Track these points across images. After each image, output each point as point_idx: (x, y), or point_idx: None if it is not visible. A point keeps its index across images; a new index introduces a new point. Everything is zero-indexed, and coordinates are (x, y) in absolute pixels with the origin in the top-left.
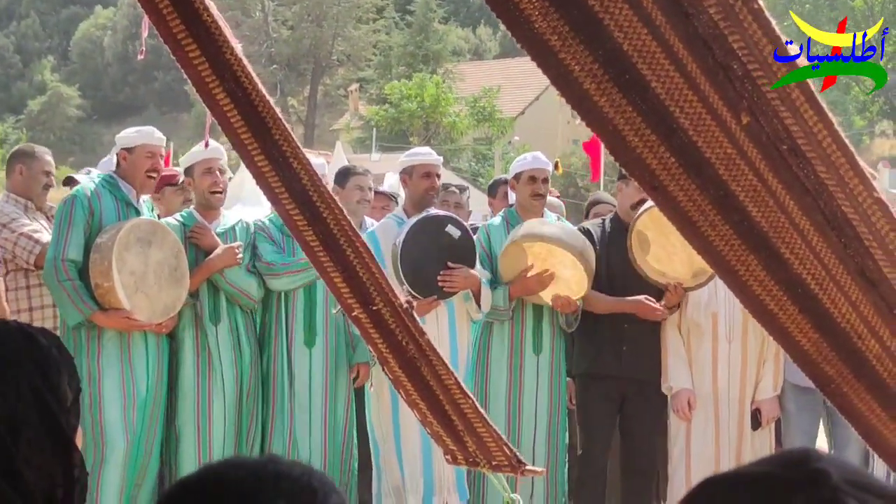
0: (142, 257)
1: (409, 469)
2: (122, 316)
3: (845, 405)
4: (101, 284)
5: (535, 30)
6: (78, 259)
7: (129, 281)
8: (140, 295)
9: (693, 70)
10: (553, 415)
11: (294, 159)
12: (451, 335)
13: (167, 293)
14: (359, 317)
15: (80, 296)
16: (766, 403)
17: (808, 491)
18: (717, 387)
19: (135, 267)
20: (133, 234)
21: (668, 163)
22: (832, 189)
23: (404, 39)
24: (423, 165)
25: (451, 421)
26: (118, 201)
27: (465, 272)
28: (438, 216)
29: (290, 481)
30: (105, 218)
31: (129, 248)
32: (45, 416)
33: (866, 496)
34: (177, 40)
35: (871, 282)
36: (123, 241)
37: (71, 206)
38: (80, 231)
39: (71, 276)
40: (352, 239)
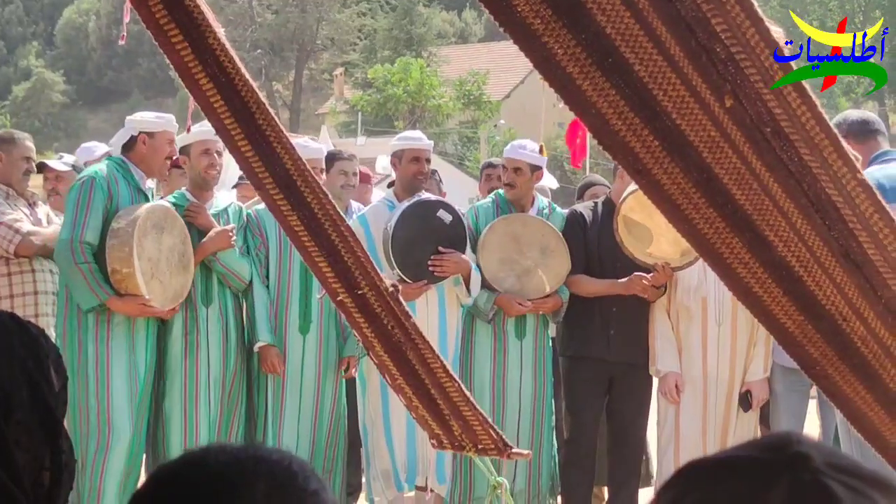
0: (156, 244)
1: (398, 453)
2: (138, 302)
3: (830, 387)
4: (120, 270)
5: (517, 13)
6: (94, 242)
7: (147, 267)
8: (155, 281)
9: (676, 53)
10: (538, 399)
11: (278, 144)
12: (440, 319)
13: (177, 279)
14: (344, 301)
15: (96, 280)
16: (757, 385)
17: (790, 474)
18: (706, 369)
19: (151, 253)
20: (149, 221)
21: (651, 146)
22: (816, 172)
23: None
24: (411, 150)
25: (437, 405)
26: (130, 186)
27: (457, 257)
28: (430, 201)
29: (269, 465)
30: (121, 202)
31: (147, 235)
32: (37, 400)
33: (847, 478)
34: (159, 25)
35: (855, 264)
36: (143, 228)
37: (90, 188)
38: (98, 214)
39: (88, 259)
40: (337, 223)
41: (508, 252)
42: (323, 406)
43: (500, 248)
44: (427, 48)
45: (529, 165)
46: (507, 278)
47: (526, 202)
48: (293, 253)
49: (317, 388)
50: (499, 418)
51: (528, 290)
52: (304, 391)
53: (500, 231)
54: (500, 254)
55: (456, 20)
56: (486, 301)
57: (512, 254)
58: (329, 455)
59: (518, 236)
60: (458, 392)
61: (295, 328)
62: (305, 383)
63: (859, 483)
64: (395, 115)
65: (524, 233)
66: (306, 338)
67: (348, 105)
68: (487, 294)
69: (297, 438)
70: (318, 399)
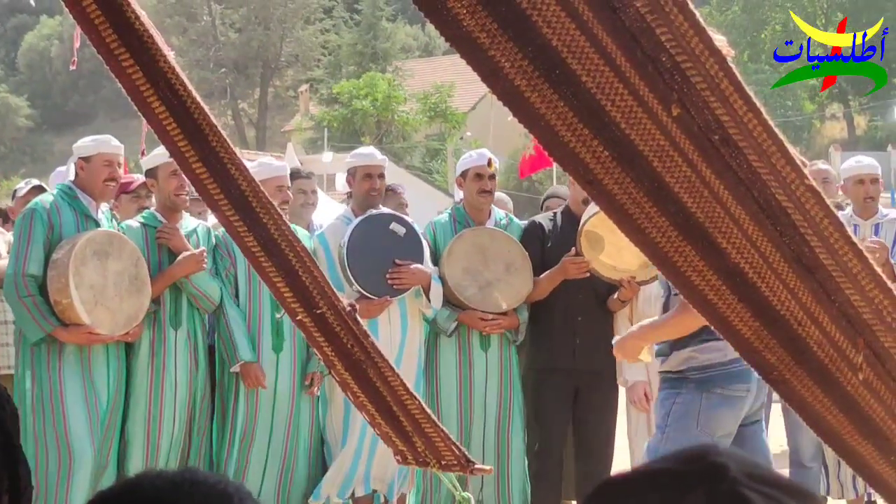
0: (100, 270)
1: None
2: (83, 331)
3: (788, 392)
4: (60, 301)
5: (463, 28)
6: (38, 274)
7: (89, 295)
8: (101, 308)
9: (622, 63)
10: (503, 411)
11: (232, 166)
12: (402, 334)
13: (129, 303)
14: (303, 321)
15: (41, 312)
16: None
17: (706, 485)
18: None
19: (94, 280)
20: (89, 248)
21: (601, 157)
22: (765, 178)
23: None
24: (363, 167)
25: (400, 422)
26: (77, 213)
27: (415, 268)
28: (381, 215)
29: (205, 487)
30: (64, 231)
31: (86, 263)
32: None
33: (764, 487)
34: (110, 50)
35: (807, 268)
36: (79, 257)
37: (30, 220)
38: (39, 246)
39: (31, 292)
40: (292, 243)
41: (473, 262)
42: (300, 424)
43: (466, 257)
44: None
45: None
46: (469, 287)
47: (485, 213)
48: None
49: (291, 406)
50: (466, 430)
51: (487, 302)
52: (276, 410)
53: (468, 240)
54: (465, 263)
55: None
56: (447, 318)
57: (477, 264)
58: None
59: (485, 248)
60: (419, 409)
61: (268, 347)
62: (279, 402)
63: (776, 492)
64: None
65: (491, 246)
66: (280, 356)
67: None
68: (449, 311)
69: (265, 459)
70: (292, 417)
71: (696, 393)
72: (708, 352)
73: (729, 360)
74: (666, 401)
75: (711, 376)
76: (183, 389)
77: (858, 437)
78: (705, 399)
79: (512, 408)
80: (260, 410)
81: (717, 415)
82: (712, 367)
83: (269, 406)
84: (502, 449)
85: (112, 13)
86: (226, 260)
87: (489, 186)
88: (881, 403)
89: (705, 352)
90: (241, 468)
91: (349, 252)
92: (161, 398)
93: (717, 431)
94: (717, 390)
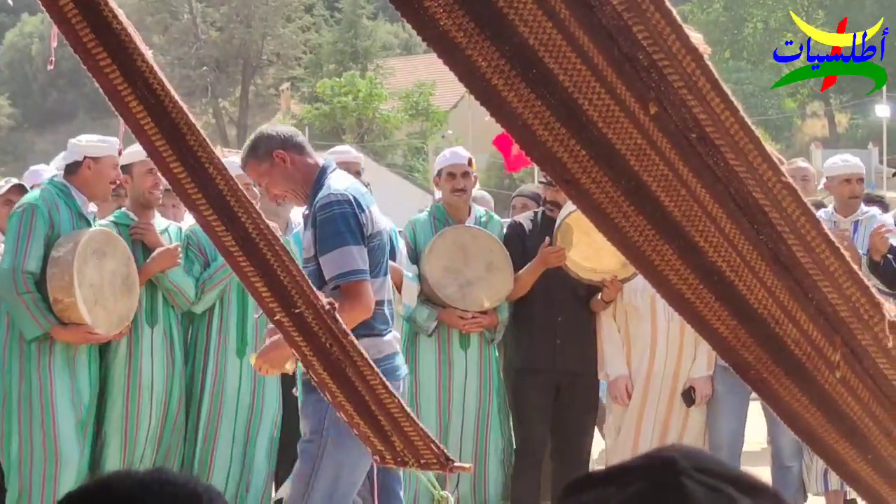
0: (98, 269)
1: None
2: (83, 331)
3: (766, 391)
4: (62, 300)
5: (440, 27)
6: (37, 271)
7: (89, 295)
8: (99, 308)
9: (599, 62)
10: (482, 409)
11: (209, 164)
12: None
13: (122, 303)
14: (281, 320)
15: (39, 309)
16: (700, 382)
17: (651, 476)
18: (653, 365)
19: (93, 280)
20: (90, 247)
21: (578, 156)
22: (742, 176)
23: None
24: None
25: (378, 421)
26: (72, 211)
27: None
28: None
29: (173, 488)
30: (62, 229)
31: (88, 262)
32: None
33: (710, 480)
34: (87, 49)
35: (785, 267)
36: (82, 255)
37: (31, 216)
38: (40, 243)
39: (30, 289)
40: (271, 242)
41: (454, 261)
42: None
43: (447, 255)
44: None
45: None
46: (450, 286)
47: (464, 211)
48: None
49: (250, 411)
50: (444, 429)
51: (468, 301)
52: (238, 414)
53: (449, 239)
54: (445, 261)
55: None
56: (427, 318)
57: (457, 263)
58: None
59: (466, 247)
60: (398, 407)
61: (233, 351)
62: (241, 407)
63: (722, 485)
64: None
65: (473, 245)
66: (243, 361)
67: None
68: (428, 311)
69: (229, 461)
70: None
71: None
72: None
73: (383, 357)
74: (318, 405)
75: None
76: (159, 387)
77: (836, 435)
78: None
79: (490, 407)
80: (223, 416)
81: None
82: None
83: (232, 411)
84: (480, 448)
85: (89, 12)
86: (199, 258)
87: (462, 185)
88: (858, 401)
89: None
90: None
91: None
92: (138, 396)
93: None
94: None
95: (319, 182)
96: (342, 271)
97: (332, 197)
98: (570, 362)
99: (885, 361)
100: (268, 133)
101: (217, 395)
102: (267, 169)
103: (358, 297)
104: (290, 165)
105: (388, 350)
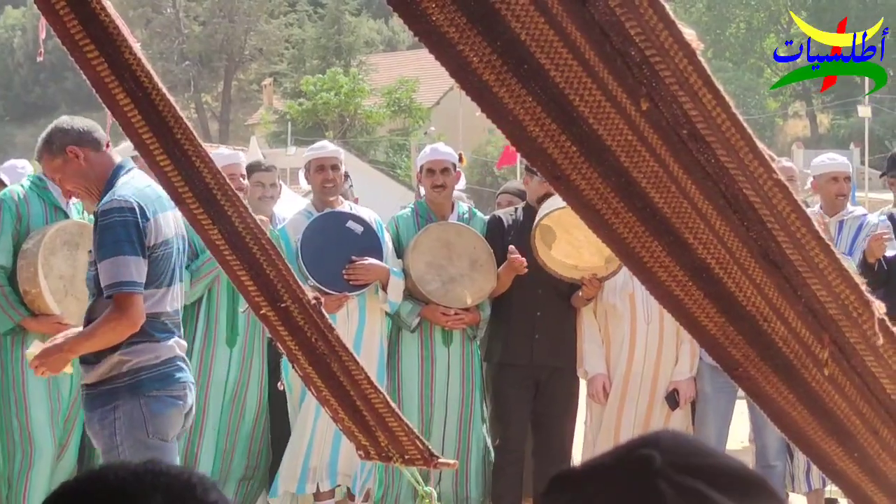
0: (70, 260)
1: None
2: (53, 321)
3: (753, 388)
4: (30, 291)
5: (432, 22)
6: (7, 265)
7: (58, 285)
8: (70, 298)
9: (591, 58)
10: (466, 406)
11: (196, 158)
12: (358, 330)
13: None
14: (267, 315)
15: (9, 302)
16: (683, 384)
17: (627, 479)
18: (631, 367)
19: (63, 271)
20: (59, 238)
21: (569, 152)
22: (733, 172)
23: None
24: (316, 160)
25: (363, 416)
26: (46, 205)
27: (370, 263)
28: (338, 212)
29: (167, 478)
30: (33, 223)
31: (56, 253)
32: None
33: (688, 480)
34: (74, 41)
35: (774, 264)
36: (49, 246)
37: None
38: (8, 237)
39: (1, 283)
40: (257, 236)
41: (438, 257)
42: (244, 419)
43: (431, 251)
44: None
45: (452, 164)
46: (433, 282)
47: (446, 208)
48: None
49: (233, 399)
50: (427, 425)
51: (450, 297)
52: (225, 402)
53: (433, 235)
54: (429, 257)
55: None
56: (410, 313)
57: (441, 259)
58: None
59: (450, 244)
60: (383, 403)
61: (223, 340)
62: (227, 395)
63: (700, 485)
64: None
65: (457, 242)
66: (233, 350)
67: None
68: (412, 306)
69: (215, 450)
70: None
71: (132, 400)
72: (138, 354)
73: (161, 362)
74: (104, 421)
75: (142, 380)
76: None
77: (822, 433)
78: (144, 404)
79: (474, 404)
80: (210, 404)
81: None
82: (144, 369)
83: (218, 399)
84: (463, 444)
85: (77, 4)
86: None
87: (441, 181)
88: (846, 399)
89: (135, 354)
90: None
91: (303, 246)
92: None
93: (171, 433)
94: (154, 392)
95: (111, 182)
96: (114, 281)
97: (115, 203)
98: (549, 357)
99: (873, 359)
100: (64, 127)
101: (203, 384)
102: (60, 164)
103: (125, 310)
104: (84, 162)
105: (167, 355)
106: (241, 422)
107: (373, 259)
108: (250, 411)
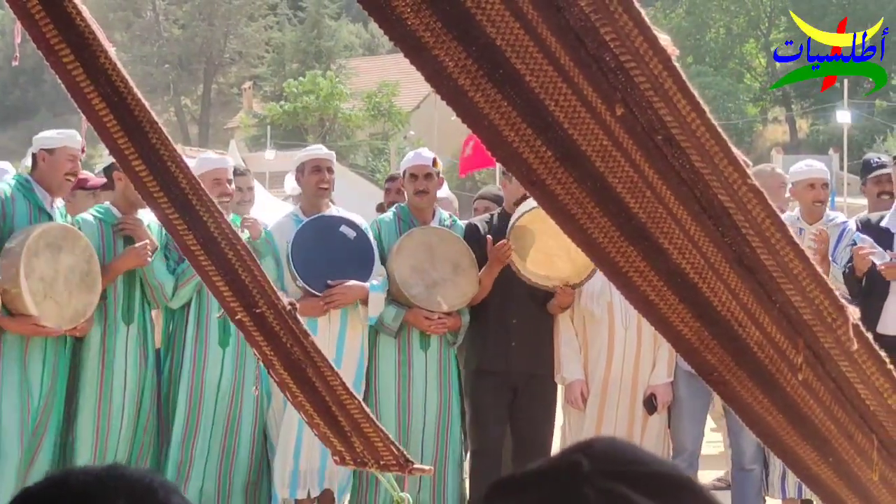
0: (52, 263)
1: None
2: (29, 322)
3: (728, 393)
4: (9, 290)
5: (407, 27)
6: None
7: (38, 287)
8: (49, 301)
9: (566, 63)
10: (443, 410)
11: (172, 163)
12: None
13: (77, 299)
14: (242, 320)
15: None
16: (661, 389)
17: (554, 484)
18: (610, 373)
19: (44, 273)
20: (43, 240)
21: (544, 157)
22: (707, 178)
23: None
24: (312, 161)
25: (338, 422)
26: (31, 206)
27: (347, 286)
28: (332, 217)
29: (129, 482)
30: (17, 222)
31: (39, 254)
32: None
33: (615, 485)
34: (50, 46)
35: (749, 269)
36: (32, 248)
37: None
38: None
39: None
40: (233, 242)
41: (421, 261)
42: (241, 419)
43: (414, 255)
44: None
45: (436, 171)
46: (416, 285)
47: (428, 213)
48: None
49: (230, 401)
50: (404, 430)
51: (433, 302)
52: (219, 403)
53: (417, 239)
54: (413, 260)
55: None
56: (394, 318)
57: (424, 263)
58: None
59: (433, 248)
60: (358, 409)
61: (215, 341)
62: (221, 397)
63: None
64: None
65: (440, 246)
66: (226, 351)
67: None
68: (395, 311)
69: (207, 452)
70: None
71: None
72: None
73: None
74: None
75: None
76: (132, 384)
77: (797, 438)
78: None
79: (451, 410)
80: (204, 405)
81: None
82: None
83: (212, 401)
84: (440, 450)
85: (52, 8)
86: (174, 254)
87: (423, 186)
88: (820, 404)
89: None
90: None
91: (294, 248)
92: (110, 393)
93: None
94: None
95: None
96: None
97: None
98: (526, 364)
99: (847, 364)
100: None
101: (197, 387)
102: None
103: None
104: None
105: None
106: (240, 423)
107: (353, 280)
108: (248, 412)
